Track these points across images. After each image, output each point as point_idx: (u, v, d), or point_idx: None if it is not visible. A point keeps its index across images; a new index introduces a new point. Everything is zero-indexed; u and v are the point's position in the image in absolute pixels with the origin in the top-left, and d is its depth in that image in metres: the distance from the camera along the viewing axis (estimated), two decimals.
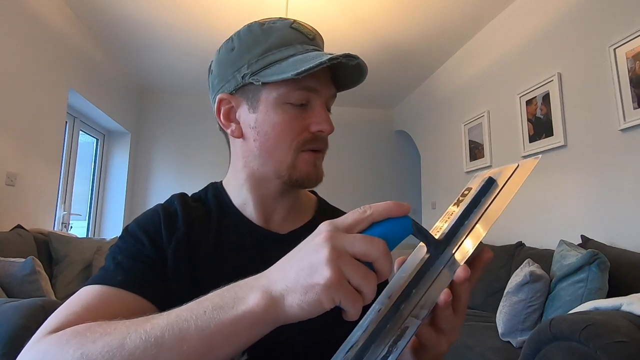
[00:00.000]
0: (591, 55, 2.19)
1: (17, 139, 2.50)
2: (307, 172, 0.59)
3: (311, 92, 0.58)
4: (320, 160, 0.62)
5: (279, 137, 0.58)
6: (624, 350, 1.03)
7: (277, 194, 0.62)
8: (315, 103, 0.59)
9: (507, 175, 0.40)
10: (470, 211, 0.40)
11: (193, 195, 0.66)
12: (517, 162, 0.40)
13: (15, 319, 1.29)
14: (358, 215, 0.35)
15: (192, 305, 0.36)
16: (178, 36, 3.38)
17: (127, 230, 0.57)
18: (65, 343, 0.37)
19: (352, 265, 0.33)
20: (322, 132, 0.59)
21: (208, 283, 0.55)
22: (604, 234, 2.03)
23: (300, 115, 0.58)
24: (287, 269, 0.35)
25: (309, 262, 0.33)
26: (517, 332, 1.78)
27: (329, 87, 0.60)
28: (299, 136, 0.58)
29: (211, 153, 4.53)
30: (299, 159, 0.59)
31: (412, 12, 3.00)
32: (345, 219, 0.36)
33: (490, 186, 0.41)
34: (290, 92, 0.57)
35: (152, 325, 0.35)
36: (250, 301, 0.34)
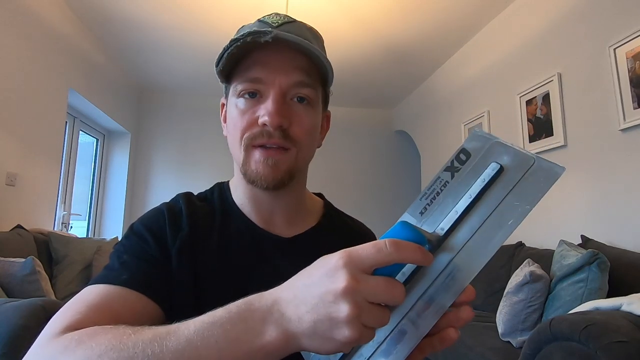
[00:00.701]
0: (591, 55, 2.19)
1: (17, 139, 2.50)
2: (256, 171, 0.55)
3: (256, 83, 0.55)
4: (280, 158, 0.55)
5: (233, 133, 0.58)
6: (624, 350, 1.03)
7: (266, 195, 0.61)
8: (267, 94, 0.55)
9: (520, 170, 0.35)
10: (473, 205, 0.36)
11: (199, 195, 0.65)
12: (531, 155, 0.35)
13: (15, 319, 1.29)
14: (381, 257, 0.32)
15: (201, 328, 0.34)
16: (178, 36, 3.38)
17: (132, 229, 0.57)
18: (72, 352, 0.36)
19: (372, 315, 0.32)
20: (265, 125, 0.54)
21: (212, 282, 0.55)
22: (604, 234, 2.03)
23: (251, 107, 0.55)
24: (301, 309, 0.33)
25: (327, 315, 0.31)
26: (517, 332, 1.78)
27: (286, 76, 0.55)
28: (248, 130, 0.55)
29: (211, 153, 4.53)
30: (249, 155, 0.56)
31: (412, 13, 3.00)
32: (365, 256, 0.32)
33: (498, 176, 0.36)
34: (238, 84, 0.56)
35: (161, 347, 0.34)
36: (267, 336, 0.33)
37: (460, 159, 0.38)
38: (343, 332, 0.31)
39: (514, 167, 0.36)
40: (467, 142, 0.39)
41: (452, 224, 0.36)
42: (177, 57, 3.77)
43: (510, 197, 0.35)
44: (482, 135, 0.38)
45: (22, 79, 2.54)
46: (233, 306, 0.35)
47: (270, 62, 0.54)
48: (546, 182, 0.34)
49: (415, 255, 0.33)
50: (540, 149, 2.52)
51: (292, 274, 0.37)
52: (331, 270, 0.32)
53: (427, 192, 0.38)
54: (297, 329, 0.33)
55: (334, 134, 5.24)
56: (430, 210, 0.38)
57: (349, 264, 0.32)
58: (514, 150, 0.36)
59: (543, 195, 0.34)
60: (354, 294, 0.31)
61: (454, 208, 0.36)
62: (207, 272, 0.55)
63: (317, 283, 0.33)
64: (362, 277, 0.32)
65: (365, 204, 4.78)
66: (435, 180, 0.38)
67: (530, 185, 0.34)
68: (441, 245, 0.36)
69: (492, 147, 0.37)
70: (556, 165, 0.34)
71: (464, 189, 0.37)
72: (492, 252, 0.34)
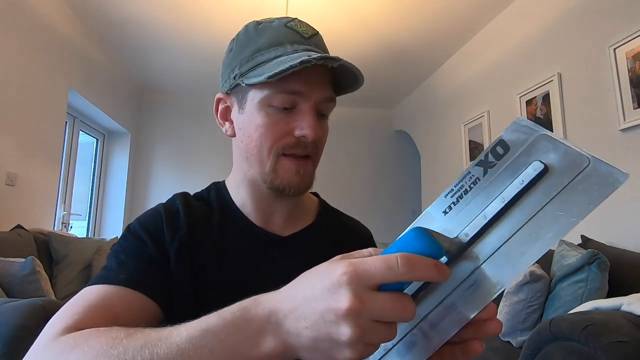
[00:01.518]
0: (591, 55, 2.19)
1: (17, 139, 2.50)
2: (288, 180, 0.57)
3: (296, 95, 0.55)
4: (308, 167, 0.58)
5: (260, 140, 0.57)
6: (624, 350, 1.03)
7: (272, 197, 0.61)
8: (302, 107, 0.55)
9: (570, 172, 0.29)
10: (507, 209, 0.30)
11: (195, 195, 0.65)
12: (586, 154, 0.30)
13: (15, 319, 1.29)
14: (391, 276, 0.29)
15: (194, 336, 0.33)
16: (178, 36, 3.38)
17: (129, 229, 0.57)
18: (66, 357, 0.36)
19: (376, 334, 0.30)
20: (304, 137, 0.55)
21: (210, 282, 0.55)
22: (604, 234, 2.03)
23: (284, 118, 0.56)
24: (301, 324, 0.31)
25: (328, 335, 0.29)
26: (517, 332, 1.78)
27: (321, 91, 0.56)
28: (281, 140, 0.56)
29: (211, 153, 4.53)
30: (279, 164, 0.57)
31: (412, 13, 3.00)
32: (373, 274, 0.29)
33: (541, 178, 0.30)
34: (274, 94, 0.55)
35: (151, 355, 0.33)
36: (264, 347, 0.32)
37: (496, 152, 0.32)
38: (344, 353, 0.30)
39: (562, 168, 0.30)
40: (507, 133, 0.32)
41: (479, 230, 0.31)
42: (177, 57, 3.77)
43: (553, 206, 0.29)
44: (526, 126, 0.32)
45: (22, 79, 2.54)
46: (227, 313, 0.34)
47: (308, 76, 0.54)
48: (601, 191, 0.28)
49: (430, 273, 0.30)
50: None
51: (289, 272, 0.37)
52: (334, 286, 0.30)
53: (454, 188, 0.33)
54: (296, 343, 0.31)
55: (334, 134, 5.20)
56: (456, 210, 0.33)
57: (354, 280, 0.29)
58: (565, 148, 0.30)
59: (595, 207, 0.28)
60: (358, 316, 0.29)
61: (482, 212, 0.31)
62: (206, 271, 0.56)
63: (319, 298, 0.30)
64: (368, 296, 0.29)
65: (365, 204, 4.77)
66: (464, 175, 0.33)
67: (581, 192, 0.29)
68: (463, 253, 0.32)
69: (537, 142, 0.31)
70: (618, 171, 0.28)
71: (498, 190, 0.31)
72: (523, 268, 0.30)
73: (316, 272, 0.33)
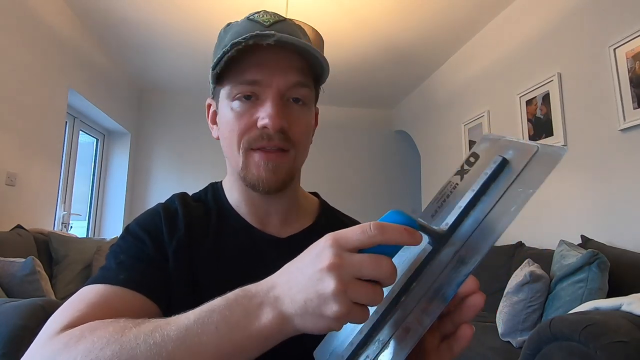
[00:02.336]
0: (591, 55, 2.19)
1: (17, 139, 2.50)
2: (257, 175, 0.55)
3: (255, 85, 0.54)
4: (280, 161, 0.55)
5: (230, 137, 0.56)
6: (624, 350, 1.03)
7: (262, 197, 0.60)
8: (264, 96, 0.54)
9: (523, 159, 0.35)
10: (478, 199, 0.36)
11: (193, 195, 0.65)
12: (535, 144, 0.36)
13: (15, 319, 1.29)
14: (365, 238, 0.33)
15: (201, 316, 0.35)
16: (178, 36, 3.38)
17: (128, 229, 0.57)
18: (74, 347, 0.36)
19: (360, 291, 0.33)
20: (266, 128, 0.53)
21: (208, 283, 0.55)
22: (604, 234, 2.03)
23: (248, 110, 0.54)
24: (293, 290, 0.34)
25: (315, 292, 0.32)
26: (517, 332, 1.78)
27: (282, 77, 0.54)
28: (246, 133, 0.55)
29: (211, 153, 4.52)
30: (249, 159, 0.55)
31: (413, 13, 3.00)
32: (350, 237, 0.33)
33: (502, 169, 0.36)
34: (234, 87, 0.55)
35: (162, 337, 0.35)
36: (263, 319, 0.34)
37: (469, 161, 0.38)
38: (331, 307, 0.32)
39: (518, 157, 0.36)
40: (476, 146, 0.39)
41: (456, 218, 0.36)
42: (177, 57, 3.77)
43: (514, 186, 0.35)
44: (490, 138, 0.39)
45: (22, 79, 2.54)
46: (231, 294, 0.37)
47: (266, 63, 0.53)
48: (549, 165, 0.34)
49: (401, 235, 0.33)
50: None
51: None
52: (319, 251, 0.34)
53: (438, 196, 0.39)
54: (291, 310, 0.34)
55: (334, 133, 5.26)
56: (440, 211, 0.38)
57: (335, 244, 0.33)
58: (518, 143, 0.36)
59: (546, 177, 0.34)
60: (339, 269, 0.32)
61: (458, 203, 0.37)
62: (204, 272, 0.55)
63: (307, 264, 0.34)
64: (346, 254, 0.33)
65: (365, 204, 4.77)
66: (446, 184, 0.39)
67: (533, 170, 0.34)
68: (447, 241, 0.36)
69: (499, 145, 0.38)
70: (559, 148, 0.34)
71: (469, 184, 0.37)
72: (493, 241, 0.35)
73: (306, 250, 0.36)
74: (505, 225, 0.34)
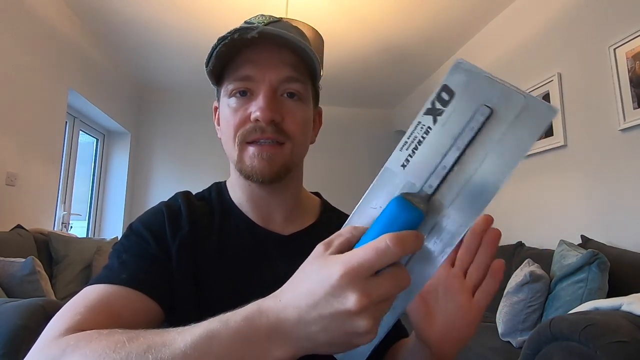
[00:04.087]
0: (591, 55, 2.19)
1: (17, 139, 2.50)
2: (251, 165, 0.56)
3: (248, 81, 0.56)
4: (274, 152, 0.56)
5: (227, 132, 0.58)
6: (624, 350, 1.03)
7: (263, 192, 0.61)
8: (258, 91, 0.56)
9: (511, 112, 0.31)
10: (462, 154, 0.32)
11: (197, 194, 0.66)
12: (522, 93, 0.31)
13: (15, 319, 1.29)
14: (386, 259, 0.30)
15: (199, 343, 0.32)
16: (178, 36, 3.38)
17: (131, 228, 0.57)
18: (68, 358, 0.36)
19: (384, 309, 0.32)
20: (257, 120, 0.54)
21: (211, 281, 0.55)
22: (604, 234, 2.03)
23: (242, 106, 0.56)
24: (312, 329, 0.31)
25: (344, 331, 0.31)
26: (517, 332, 1.77)
27: (274, 71, 0.55)
28: (241, 127, 0.56)
29: (211, 153, 4.52)
30: (244, 152, 0.57)
31: (412, 13, 3.00)
32: (368, 265, 0.30)
33: (487, 120, 0.32)
34: (230, 84, 0.57)
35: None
36: (274, 355, 0.32)
37: (442, 99, 0.33)
38: (363, 340, 0.32)
39: (504, 108, 0.31)
40: (449, 77, 0.33)
41: (441, 180, 0.33)
42: (177, 57, 3.77)
43: (501, 146, 0.31)
44: (466, 69, 0.32)
45: (22, 79, 2.54)
46: (231, 321, 0.33)
47: (258, 59, 0.55)
48: (539, 125, 0.31)
49: (417, 245, 0.32)
50: (540, 149, 2.52)
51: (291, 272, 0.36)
52: (336, 290, 0.30)
53: (407, 140, 0.34)
54: (310, 345, 0.33)
55: (334, 133, 5.25)
56: (413, 162, 0.34)
57: (354, 279, 0.30)
58: (503, 88, 0.32)
59: (535, 140, 0.31)
60: (368, 308, 0.30)
61: (441, 162, 0.33)
62: (207, 270, 0.55)
63: (324, 304, 0.31)
64: (370, 287, 0.30)
65: None
66: (415, 126, 0.34)
67: (523, 129, 0.31)
68: (430, 202, 0.34)
69: (479, 84, 0.32)
70: (549, 106, 0.31)
71: (450, 138, 0.32)
72: (482, 208, 0.32)
73: (310, 275, 0.33)
74: (494, 190, 0.32)
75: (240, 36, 0.52)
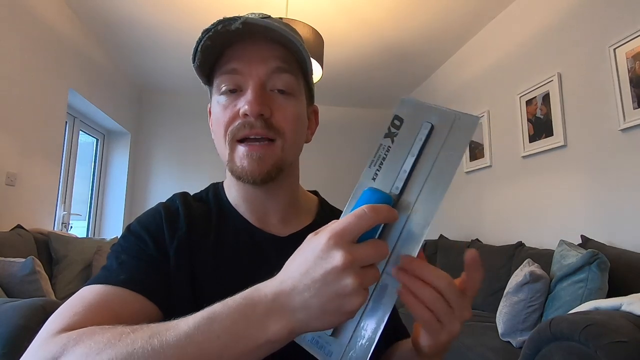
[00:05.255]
0: (591, 55, 2.19)
1: (17, 139, 2.50)
2: (242, 167, 0.55)
3: (235, 74, 0.55)
4: (265, 152, 0.55)
5: (217, 131, 0.57)
6: (624, 350, 1.03)
7: (257, 192, 0.61)
8: (246, 86, 0.54)
9: (446, 125, 0.40)
10: (416, 162, 0.40)
11: (195, 195, 0.65)
12: (453, 111, 0.40)
13: (15, 319, 1.29)
14: (364, 223, 0.34)
15: (201, 324, 0.34)
16: (178, 36, 3.38)
17: (130, 229, 0.57)
18: (71, 351, 0.36)
19: (369, 278, 0.35)
20: (246, 115, 0.53)
21: (209, 282, 0.55)
22: (604, 234, 2.03)
23: (232, 102, 0.55)
24: (305, 295, 0.33)
25: (334, 293, 0.33)
26: (517, 332, 1.78)
27: (261, 65, 0.54)
28: (231, 124, 0.55)
29: (211, 153, 4.51)
30: (234, 152, 0.55)
31: (412, 13, 3.00)
32: (351, 228, 0.34)
33: (431, 134, 0.41)
34: (217, 79, 0.56)
35: (160, 343, 0.34)
36: (272, 329, 0.34)
37: (395, 124, 0.42)
38: (352, 302, 0.33)
39: (442, 123, 0.40)
40: (398, 109, 0.42)
41: (404, 182, 0.40)
42: (177, 57, 3.77)
43: (444, 150, 0.40)
44: (409, 102, 0.42)
45: (22, 79, 2.54)
46: (230, 301, 0.36)
47: (246, 53, 0.54)
48: (468, 131, 0.40)
49: (389, 214, 0.36)
50: (540, 149, 2.52)
51: None
52: (324, 252, 0.33)
53: (374, 159, 0.42)
54: (305, 316, 0.34)
55: (334, 133, 5.25)
56: (381, 174, 0.41)
57: (339, 240, 0.33)
58: (438, 110, 0.41)
59: (468, 142, 0.40)
60: (353, 266, 0.33)
61: (402, 168, 0.40)
62: (205, 271, 0.55)
63: (314, 267, 0.33)
64: (353, 248, 0.33)
65: None
66: (378, 148, 0.42)
67: (457, 136, 0.40)
68: (398, 202, 0.40)
69: (420, 110, 0.42)
70: (472, 116, 0.40)
71: (406, 150, 0.41)
72: (440, 200, 0.39)
73: (303, 249, 0.36)
74: (446, 186, 0.39)
75: (224, 28, 0.51)
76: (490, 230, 3.01)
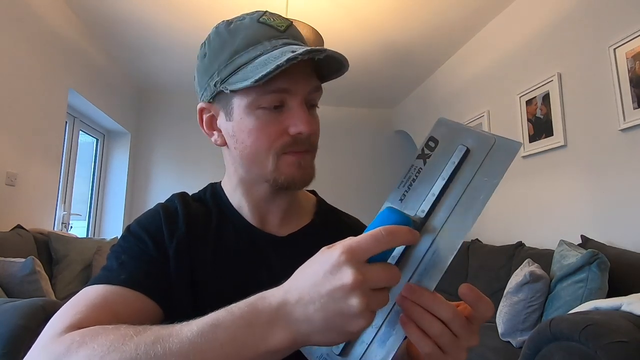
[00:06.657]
0: (591, 55, 2.19)
1: (17, 139, 2.50)
2: (291, 175, 0.56)
3: (283, 93, 0.53)
4: (308, 159, 0.58)
5: (256, 144, 0.55)
6: (624, 350, 1.03)
7: (270, 197, 0.61)
8: (292, 103, 0.54)
9: (484, 150, 0.38)
10: (447, 186, 0.39)
11: (193, 195, 0.65)
12: (492, 135, 0.39)
13: (15, 319, 1.29)
14: (380, 245, 0.34)
15: (204, 330, 0.34)
16: (178, 36, 3.38)
17: (129, 230, 0.57)
18: (74, 353, 0.36)
19: (378, 301, 0.34)
20: (300, 134, 0.54)
21: (208, 282, 0.55)
22: (604, 234, 2.03)
23: (276, 118, 0.54)
24: (310, 308, 0.33)
25: (339, 311, 0.32)
26: (517, 332, 1.78)
27: (306, 83, 0.55)
28: (278, 140, 0.55)
29: (211, 153, 4.52)
30: (281, 162, 0.56)
31: (412, 13, 3.00)
32: (366, 248, 0.33)
33: (466, 158, 0.39)
34: (261, 96, 0.53)
35: (164, 350, 0.34)
36: (275, 339, 0.34)
37: (429, 146, 0.41)
38: (357, 323, 0.32)
39: (478, 147, 0.39)
40: (433, 131, 0.41)
41: (431, 205, 0.38)
42: (177, 57, 3.77)
43: (479, 175, 0.38)
44: (446, 123, 0.41)
45: (22, 79, 2.54)
46: (235, 308, 0.35)
47: (294, 71, 0.52)
48: (507, 157, 0.37)
49: (407, 237, 0.35)
50: (540, 149, 2.52)
51: (287, 272, 0.37)
52: (335, 267, 0.33)
53: (403, 180, 0.41)
54: (307, 328, 0.33)
55: (334, 134, 5.25)
56: (409, 196, 0.40)
57: (351, 258, 0.33)
58: (476, 133, 0.39)
59: (506, 169, 0.37)
60: (362, 287, 0.32)
61: (430, 191, 0.39)
62: (205, 271, 0.56)
63: (323, 281, 0.33)
64: (365, 269, 0.33)
65: (365, 204, 4.77)
66: (409, 168, 0.41)
67: (495, 161, 0.38)
68: (424, 226, 0.38)
69: (457, 132, 0.40)
70: (513, 142, 0.38)
71: (437, 172, 0.39)
72: (469, 227, 0.37)
73: (314, 261, 0.35)
74: (477, 213, 0.37)
75: (310, 57, 0.50)
76: (490, 230, 3.01)
